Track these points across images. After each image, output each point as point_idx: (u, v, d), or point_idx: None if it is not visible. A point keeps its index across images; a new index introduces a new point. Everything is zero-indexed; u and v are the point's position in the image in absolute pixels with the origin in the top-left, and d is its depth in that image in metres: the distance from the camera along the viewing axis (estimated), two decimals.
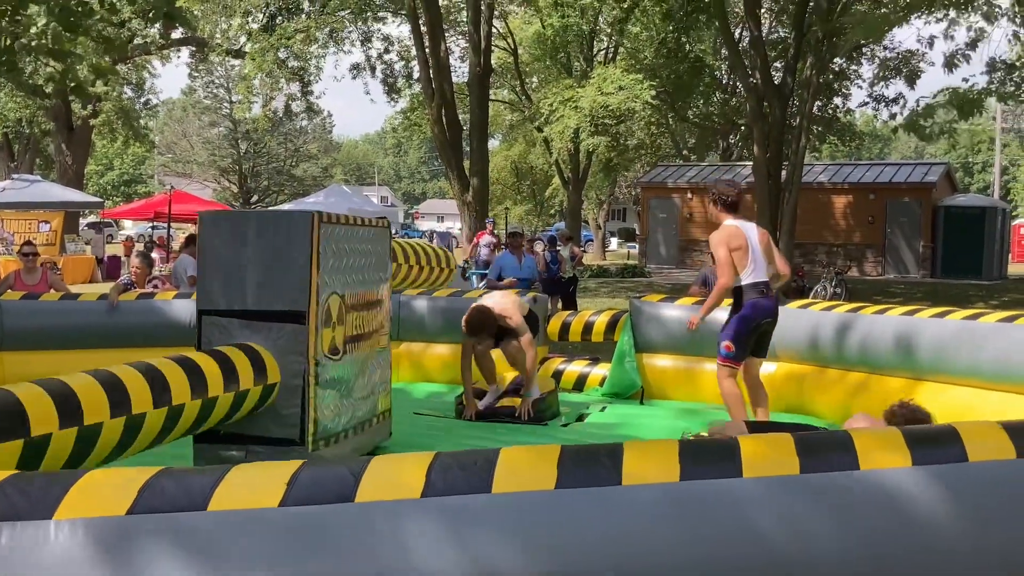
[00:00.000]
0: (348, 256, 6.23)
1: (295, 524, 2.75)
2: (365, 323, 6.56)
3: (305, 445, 5.74)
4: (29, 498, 2.70)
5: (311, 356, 5.74)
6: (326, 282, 5.86)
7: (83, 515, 2.67)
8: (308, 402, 5.73)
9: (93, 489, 2.76)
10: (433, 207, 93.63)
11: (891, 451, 3.18)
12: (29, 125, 42.09)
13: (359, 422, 6.48)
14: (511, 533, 2.84)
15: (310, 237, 5.71)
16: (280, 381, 5.71)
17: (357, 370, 6.41)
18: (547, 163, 43.09)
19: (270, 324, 5.75)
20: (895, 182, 31.67)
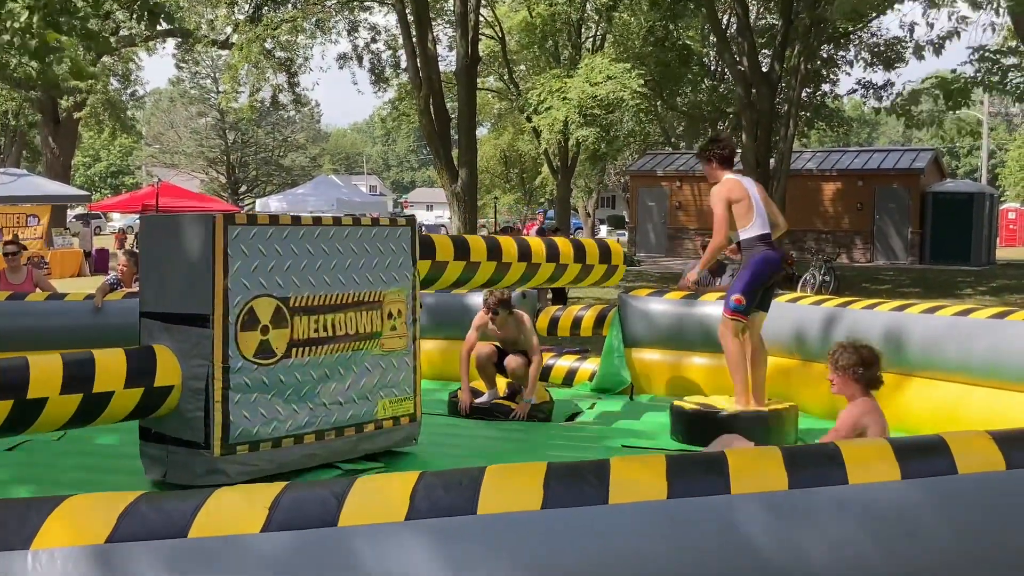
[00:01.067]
0: (299, 257, 6.07)
1: (278, 550, 2.71)
2: (341, 325, 6.36)
3: (211, 449, 5.70)
4: (5, 527, 2.65)
5: (216, 359, 5.68)
6: (244, 285, 5.78)
7: (61, 544, 2.63)
8: (213, 406, 5.67)
9: (72, 516, 2.72)
10: (422, 196, 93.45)
11: (880, 464, 3.16)
12: (15, 118, 41.86)
13: (330, 428, 6.28)
14: (497, 555, 2.81)
15: (211, 241, 5.67)
16: (181, 384, 5.74)
17: (320, 374, 6.22)
18: (536, 151, 43.00)
19: (180, 327, 5.81)
20: (883, 168, 31.69)
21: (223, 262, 5.70)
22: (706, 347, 8.83)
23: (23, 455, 6.92)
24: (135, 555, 2.63)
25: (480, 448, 7.03)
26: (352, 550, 2.74)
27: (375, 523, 2.79)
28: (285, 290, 6.02)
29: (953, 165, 71.23)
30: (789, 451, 3.23)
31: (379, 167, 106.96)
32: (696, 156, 7.73)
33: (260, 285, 5.88)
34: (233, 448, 5.77)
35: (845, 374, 5.44)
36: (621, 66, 27.30)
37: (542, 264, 8.05)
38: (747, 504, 3.00)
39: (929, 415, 7.04)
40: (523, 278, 8.02)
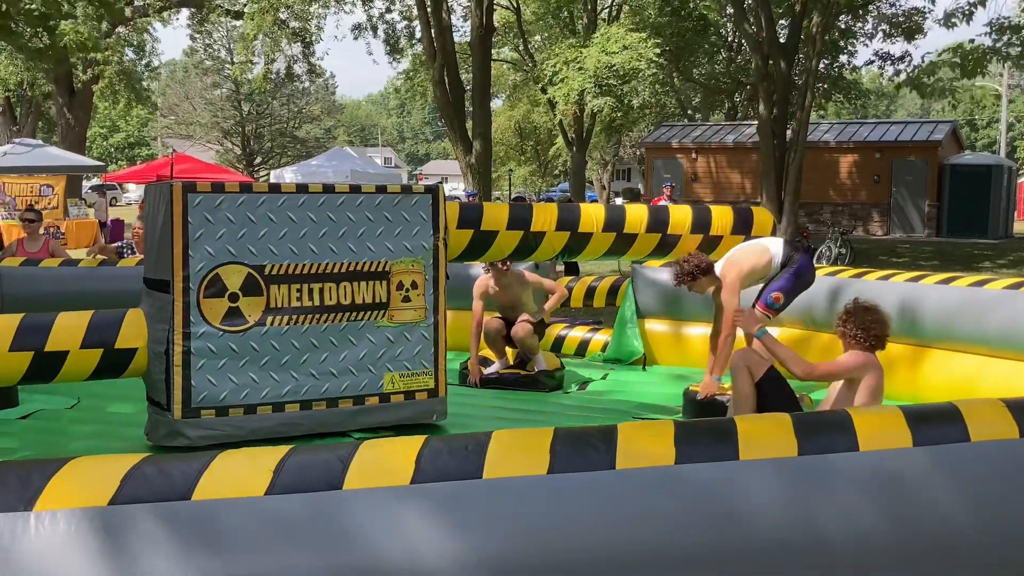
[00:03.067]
0: (280, 225, 6.04)
1: (282, 512, 2.69)
2: (334, 295, 6.28)
3: (171, 412, 5.85)
4: (8, 488, 2.64)
5: (177, 324, 5.80)
6: (208, 253, 5.85)
7: (64, 506, 2.62)
8: (172, 370, 5.81)
9: (75, 478, 2.71)
10: (437, 168, 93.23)
11: (892, 431, 3.12)
12: (31, 88, 41.88)
13: (318, 398, 6.23)
14: (502, 519, 2.79)
15: (169, 209, 5.77)
16: (146, 347, 5.93)
17: (303, 343, 6.17)
18: (551, 123, 42.81)
19: (151, 292, 6.05)
20: (901, 141, 31.43)
21: (182, 229, 5.79)
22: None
23: (34, 423, 6.94)
24: (138, 517, 2.62)
25: (490, 416, 7.02)
26: (357, 513, 2.72)
27: (380, 486, 2.77)
28: (259, 258, 6.03)
29: (971, 138, 70.67)
30: (799, 418, 3.20)
31: (394, 139, 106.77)
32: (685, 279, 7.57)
33: (227, 252, 5.93)
34: (196, 412, 5.87)
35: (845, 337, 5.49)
36: (637, 35, 27.10)
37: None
38: (756, 470, 2.97)
39: (945, 387, 6.99)
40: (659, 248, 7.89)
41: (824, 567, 2.94)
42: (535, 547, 2.78)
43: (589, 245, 7.57)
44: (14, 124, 44.20)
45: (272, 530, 2.66)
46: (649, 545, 2.86)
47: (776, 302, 7.13)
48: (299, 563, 2.64)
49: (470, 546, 2.75)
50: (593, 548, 2.83)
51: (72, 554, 2.56)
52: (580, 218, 7.46)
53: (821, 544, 2.94)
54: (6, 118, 45.04)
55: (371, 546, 2.70)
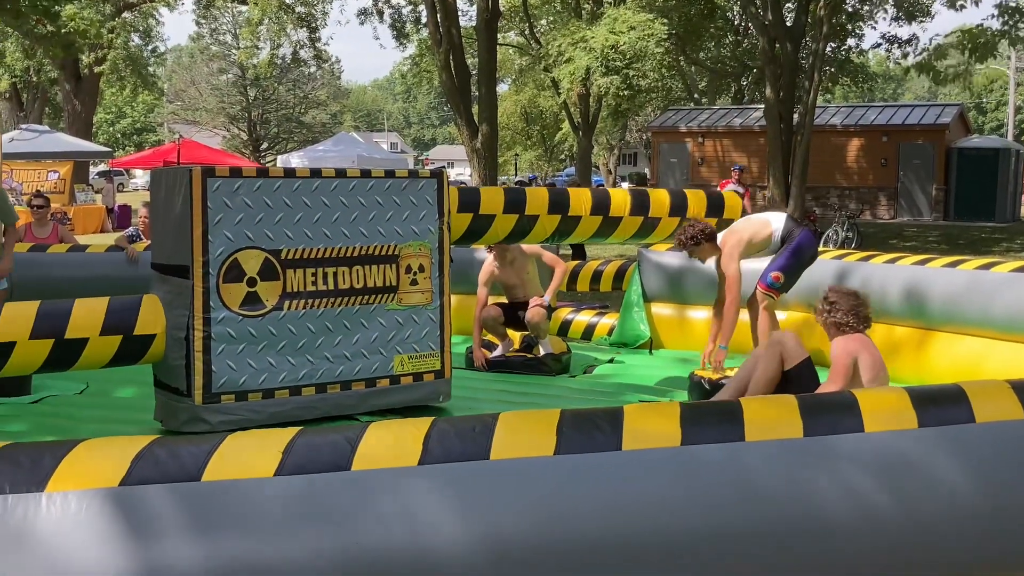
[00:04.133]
0: (295, 210, 6.08)
1: (291, 494, 2.71)
2: (347, 279, 6.34)
3: (192, 397, 5.84)
4: (20, 470, 2.67)
5: (197, 310, 5.79)
6: (227, 237, 5.85)
7: (75, 487, 2.64)
8: (194, 356, 5.80)
9: (85, 460, 2.73)
10: (443, 153, 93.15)
11: (897, 413, 3.13)
12: (37, 74, 41.88)
13: (332, 381, 6.29)
14: (509, 499, 2.81)
15: (189, 194, 5.75)
16: (164, 333, 5.92)
17: (318, 327, 6.22)
18: (557, 107, 42.73)
19: (168, 277, 6.02)
20: (908, 124, 31.33)
21: (202, 214, 5.76)
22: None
23: (45, 407, 6.98)
24: (148, 498, 2.65)
25: (496, 400, 7.04)
26: (365, 494, 2.74)
27: (388, 467, 2.80)
28: (276, 242, 6.05)
29: (979, 121, 70.40)
30: (804, 399, 3.21)
31: (400, 124, 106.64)
32: (688, 243, 7.57)
33: (246, 237, 5.94)
34: (217, 397, 5.88)
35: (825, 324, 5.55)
36: (644, 16, 27.01)
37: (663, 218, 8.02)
38: (761, 451, 2.99)
39: (951, 370, 7.00)
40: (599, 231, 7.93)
41: (829, 548, 2.96)
42: (542, 528, 2.80)
43: (579, 227, 7.68)
44: (21, 110, 44.21)
45: (281, 511, 2.69)
46: (655, 526, 2.88)
47: (776, 282, 7.14)
48: (308, 543, 2.66)
49: (477, 527, 2.77)
50: (599, 529, 2.85)
51: (83, 534, 2.58)
52: (570, 202, 7.56)
53: (826, 525, 2.96)
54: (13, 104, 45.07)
55: (379, 527, 2.72)
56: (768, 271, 7.19)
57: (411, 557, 2.73)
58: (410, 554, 2.73)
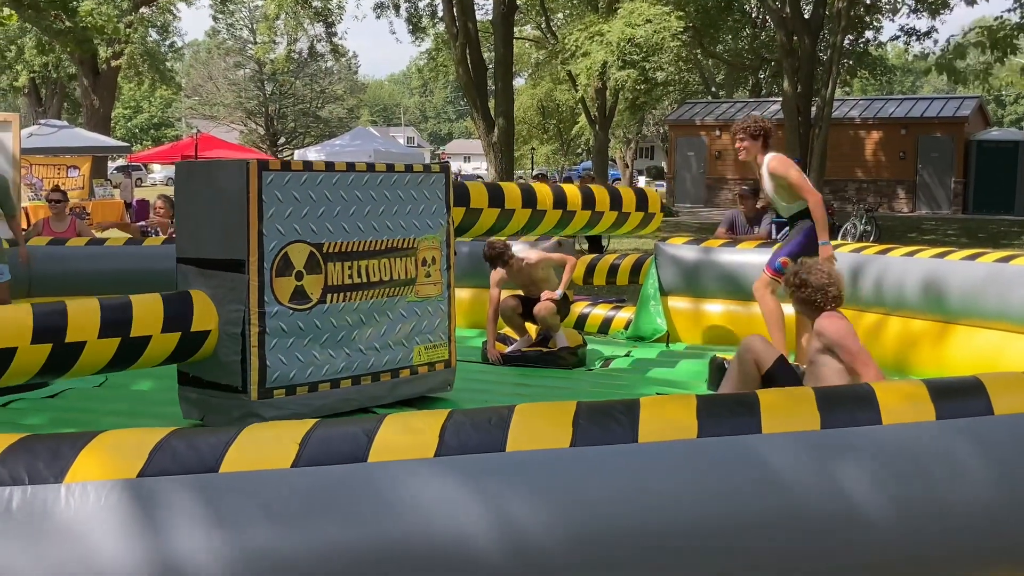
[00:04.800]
0: (334, 203, 6.10)
1: (308, 485, 2.72)
2: (377, 271, 6.42)
3: (248, 393, 5.80)
4: (39, 461, 2.68)
5: (252, 305, 5.74)
6: (279, 231, 5.83)
7: (94, 478, 2.66)
8: (250, 351, 5.75)
9: (104, 451, 2.75)
10: (460, 147, 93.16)
11: (915, 405, 3.12)
12: (55, 70, 42.10)
13: (368, 373, 6.36)
14: (526, 492, 2.81)
15: (246, 187, 5.70)
16: (217, 329, 5.83)
17: (356, 320, 6.28)
18: (573, 101, 42.67)
19: (215, 272, 5.89)
20: (927, 117, 31.20)
21: (257, 208, 5.73)
22: (743, 296, 8.78)
23: (63, 401, 7.02)
24: (167, 489, 2.66)
25: (513, 393, 7.05)
26: (382, 486, 2.75)
27: (404, 459, 2.80)
28: (319, 236, 6.06)
29: (998, 114, 69.96)
30: (822, 392, 3.20)
31: (416, 119, 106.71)
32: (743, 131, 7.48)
33: (294, 231, 5.93)
34: (270, 392, 5.84)
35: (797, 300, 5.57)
36: (660, 8, 26.95)
37: (577, 212, 8.09)
38: (779, 444, 2.98)
39: (969, 363, 6.96)
40: (559, 224, 8.05)
41: (847, 540, 2.95)
42: (558, 520, 2.80)
43: (543, 221, 7.99)
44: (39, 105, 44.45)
45: (298, 502, 2.69)
46: (672, 518, 2.88)
47: (784, 267, 7.11)
48: (325, 535, 2.67)
49: (493, 519, 2.78)
50: (616, 521, 2.84)
51: (102, 525, 2.60)
52: (537, 197, 7.88)
53: (844, 517, 2.95)
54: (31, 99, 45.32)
55: (395, 518, 2.73)
56: (776, 256, 7.17)
57: (427, 549, 2.74)
58: (426, 546, 2.74)
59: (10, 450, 2.72)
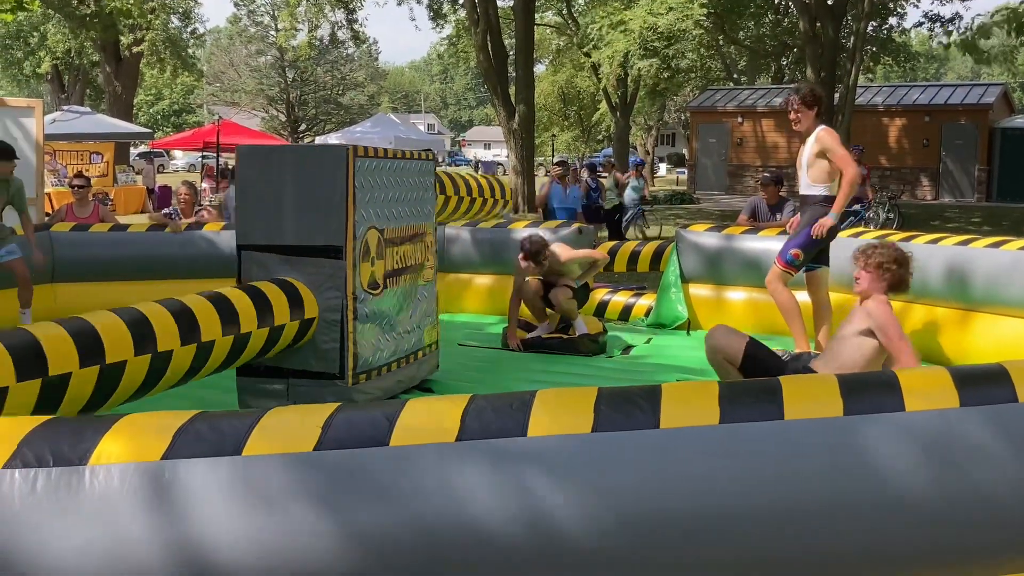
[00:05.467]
0: (388, 189, 6.20)
1: (330, 468, 2.73)
2: (407, 257, 6.55)
3: (345, 379, 5.82)
4: (63, 444, 2.70)
5: (349, 291, 5.77)
6: (363, 216, 5.86)
7: (118, 460, 2.67)
8: (347, 337, 5.78)
9: (128, 434, 2.76)
10: (480, 134, 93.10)
11: (939, 392, 3.10)
12: (78, 56, 42.28)
13: (404, 355, 6.52)
14: (547, 477, 2.80)
15: (345, 171, 5.69)
16: (317, 316, 5.78)
17: (399, 304, 6.42)
18: (594, 88, 42.57)
19: (307, 259, 5.80)
20: (951, 104, 30.96)
21: (353, 193, 5.77)
22: (764, 283, 8.75)
23: None
24: (190, 471, 2.67)
25: (533, 379, 7.06)
26: (403, 469, 2.76)
27: (426, 443, 2.81)
28: (381, 222, 6.17)
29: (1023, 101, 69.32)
30: (845, 378, 3.18)
31: (437, 105, 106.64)
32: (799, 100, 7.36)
33: (369, 217, 6.02)
34: (358, 377, 5.93)
35: (878, 271, 5.42)
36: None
37: None
38: (801, 430, 2.96)
39: (993, 350, 6.93)
40: None
41: (870, 527, 2.94)
42: (578, 505, 2.79)
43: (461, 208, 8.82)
44: (62, 92, 44.65)
45: (320, 486, 2.70)
46: (693, 504, 2.87)
47: (796, 259, 7.09)
48: (347, 518, 2.68)
49: (514, 503, 2.78)
50: (637, 507, 2.84)
51: (125, 508, 2.61)
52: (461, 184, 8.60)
53: (867, 504, 2.93)
54: (54, 86, 45.53)
55: (417, 502, 2.73)
56: (787, 248, 7.14)
57: (449, 533, 2.75)
58: (448, 530, 2.74)
59: (35, 432, 2.74)
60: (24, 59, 46.60)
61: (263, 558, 2.64)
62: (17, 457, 2.66)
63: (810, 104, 7.08)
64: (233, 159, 31.83)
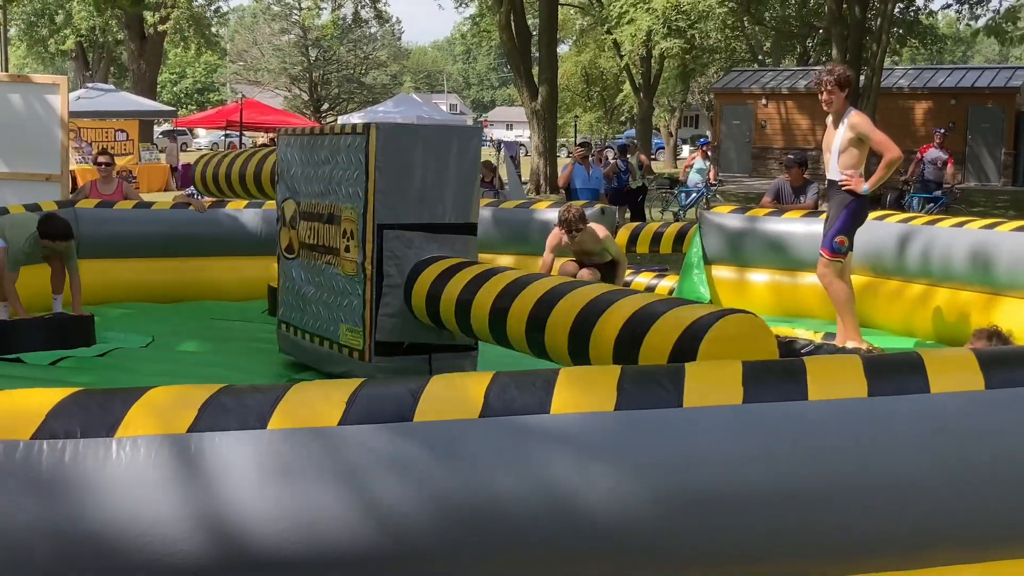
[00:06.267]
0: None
1: (354, 442, 2.75)
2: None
3: (477, 349, 6.15)
4: (91, 416, 2.73)
5: None
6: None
7: (144, 432, 2.69)
8: None
9: (154, 407, 2.78)
10: (502, 115, 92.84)
11: (964, 374, 3.08)
12: (102, 34, 42.41)
13: None
14: (569, 455, 2.81)
15: (478, 150, 6.02)
16: None
17: None
18: (618, 68, 42.37)
19: (449, 236, 6.03)
20: (977, 87, 30.66)
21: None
22: (787, 266, 8.74)
23: (111, 360, 7.13)
24: (216, 444, 2.69)
25: None
26: (427, 445, 2.77)
27: (449, 419, 2.82)
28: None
29: None
30: (869, 359, 3.17)
31: (459, 86, 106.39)
32: (831, 81, 7.20)
33: None
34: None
35: None
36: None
37: None
38: (824, 411, 2.96)
39: (1019, 335, 6.88)
40: None
41: (894, 509, 2.94)
42: (600, 482, 2.80)
43: None
44: (87, 69, 44.81)
45: (346, 458, 2.72)
46: (715, 483, 2.87)
47: (841, 245, 6.99)
48: (371, 493, 2.70)
49: (536, 480, 2.79)
50: (659, 485, 2.85)
51: (152, 479, 2.64)
52: None
53: (891, 486, 2.93)
54: (79, 63, 45.70)
55: (439, 477, 2.75)
56: (830, 237, 7.00)
57: (470, 510, 2.76)
58: (469, 507, 2.76)
59: (63, 404, 2.77)
60: (49, 37, 46.76)
61: (286, 531, 2.66)
62: (46, 428, 2.68)
63: (843, 85, 6.99)
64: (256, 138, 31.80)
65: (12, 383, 5.86)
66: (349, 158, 6.14)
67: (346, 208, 6.20)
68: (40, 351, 7.03)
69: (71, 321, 7.46)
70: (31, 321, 7.34)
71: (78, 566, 2.62)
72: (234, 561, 2.66)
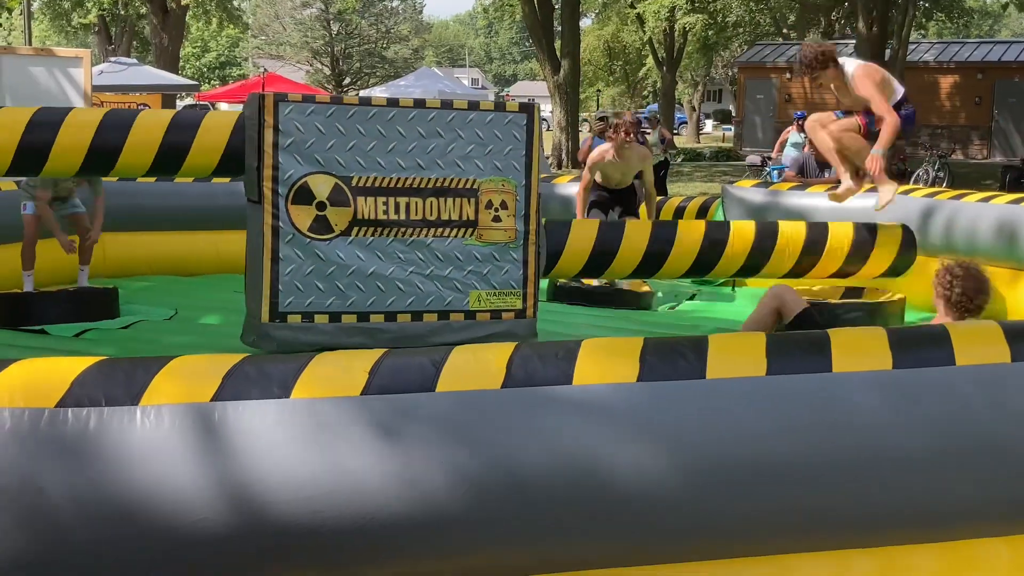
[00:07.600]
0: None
1: (377, 412, 2.75)
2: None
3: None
4: (115, 384, 2.74)
5: None
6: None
7: (168, 401, 2.71)
8: None
9: (178, 375, 2.79)
10: (524, 89, 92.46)
11: (989, 346, 3.07)
12: (125, 8, 42.42)
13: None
14: (592, 426, 2.81)
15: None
16: None
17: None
18: (641, 42, 42.11)
19: None
20: (1005, 61, 30.34)
21: None
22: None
23: (134, 332, 7.17)
24: (239, 412, 2.70)
25: (577, 331, 7.06)
26: (449, 415, 2.78)
27: (471, 390, 2.82)
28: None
29: None
30: (895, 331, 3.15)
31: (481, 60, 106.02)
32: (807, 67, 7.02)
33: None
34: None
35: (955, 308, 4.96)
36: None
37: None
38: (849, 383, 2.95)
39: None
40: None
41: (919, 480, 2.93)
42: (622, 454, 2.80)
43: None
44: (109, 43, 44.88)
45: (367, 429, 2.73)
46: (738, 455, 2.87)
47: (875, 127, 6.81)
48: (392, 461, 2.71)
49: (557, 451, 2.79)
50: (682, 457, 2.84)
51: (176, 447, 2.65)
52: None
53: (915, 457, 2.92)
54: (101, 37, 45.76)
55: (462, 448, 2.75)
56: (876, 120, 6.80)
57: (493, 480, 2.76)
58: (493, 476, 2.76)
59: (87, 373, 2.78)
60: (72, 10, 46.81)
61: (309, 500, 2.67)
62: (71, 396, 2.70)
63: (819, 66, 6.79)
64: None
65: (36, 353, 5.88)
66: (502, 133, 6.34)
67: (490, 181, 6.36)
68: (64, 323, 7.08)
69: (95, 294, 7.53)
70: (55, 293, 7.41)
71: (102, 533, 2.64)
72: (257, 529, 2.67)
